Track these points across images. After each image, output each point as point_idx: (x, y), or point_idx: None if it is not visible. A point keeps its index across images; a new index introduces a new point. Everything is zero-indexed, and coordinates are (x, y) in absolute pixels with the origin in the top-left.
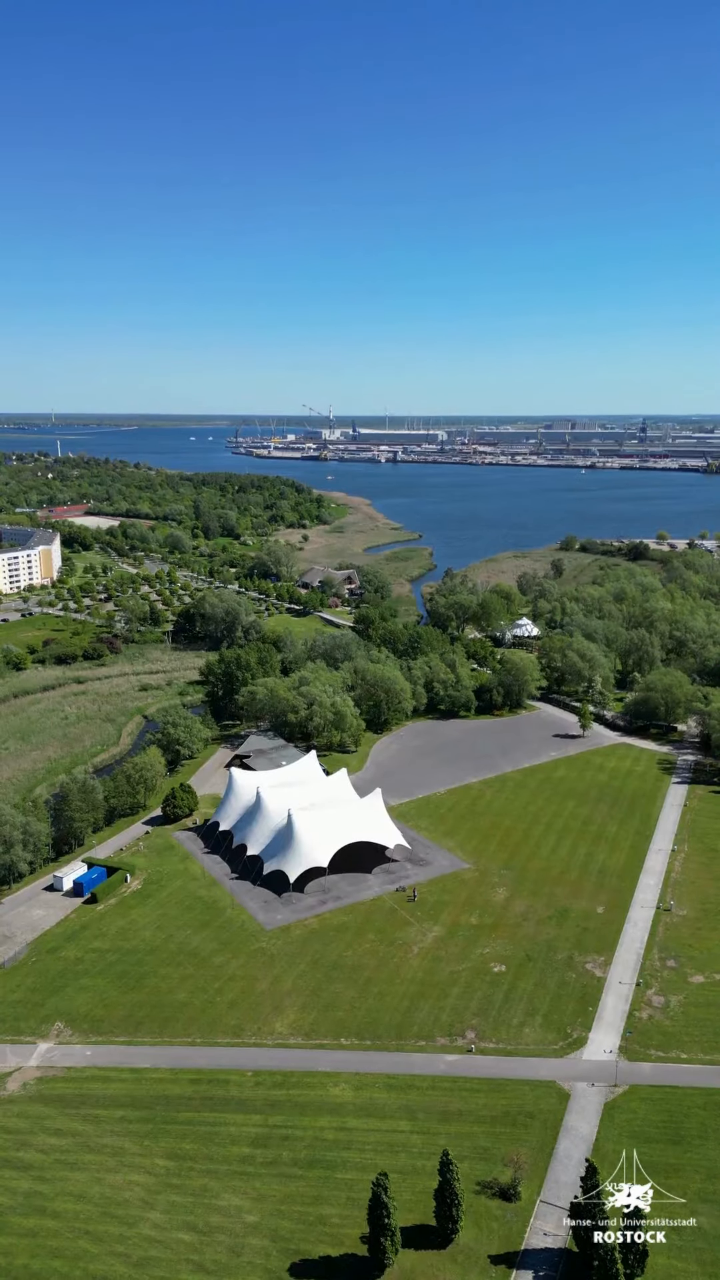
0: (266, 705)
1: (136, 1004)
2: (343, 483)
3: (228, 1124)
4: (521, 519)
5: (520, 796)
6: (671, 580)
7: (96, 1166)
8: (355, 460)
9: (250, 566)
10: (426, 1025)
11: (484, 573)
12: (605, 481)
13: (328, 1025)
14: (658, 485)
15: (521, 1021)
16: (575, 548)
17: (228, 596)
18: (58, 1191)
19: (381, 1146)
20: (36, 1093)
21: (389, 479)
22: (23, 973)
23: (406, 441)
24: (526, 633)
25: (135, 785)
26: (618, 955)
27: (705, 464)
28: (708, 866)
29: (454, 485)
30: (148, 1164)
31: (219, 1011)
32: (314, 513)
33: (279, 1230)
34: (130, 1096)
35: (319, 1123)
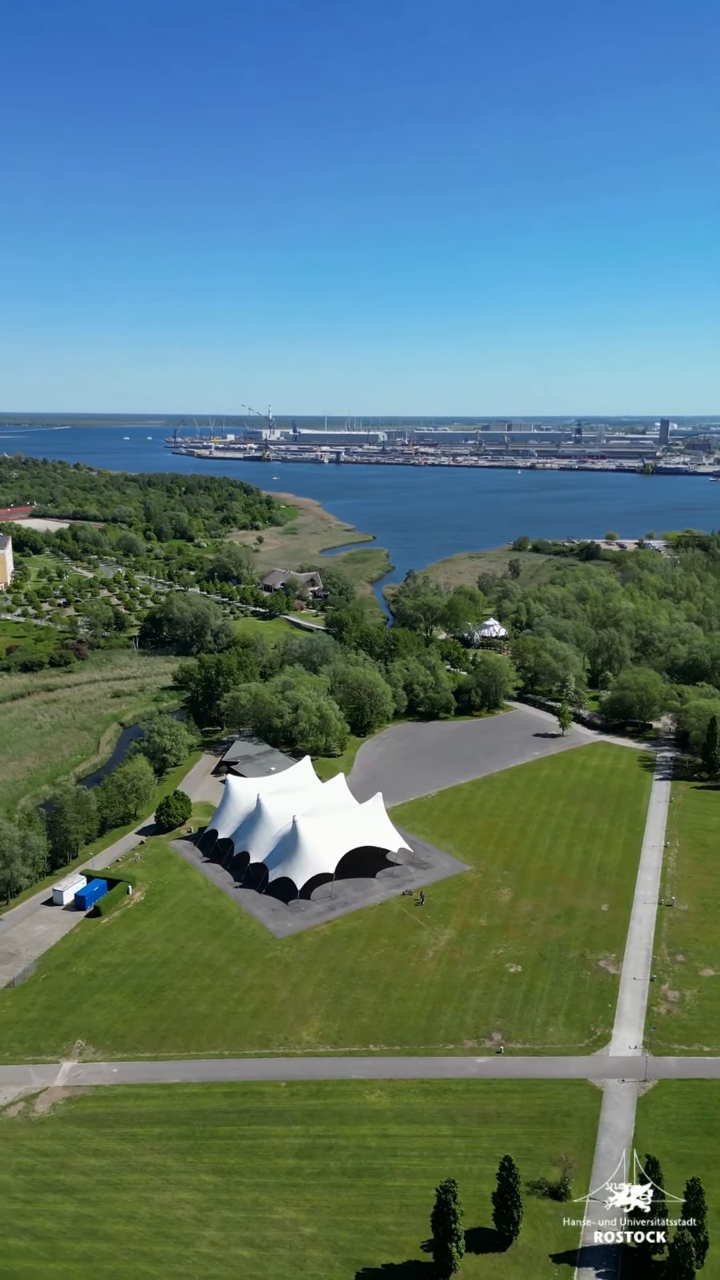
0: (250, 710)
1: (157, 1018)
2: (288, 483)
3: (269, 1136)
4: (468, 520)
5: (510, 797)
6: (629, 580)
7: (142, 1186)
8: (298, 461)
9: (210, 569)
10: (452, 1028)
11: (442, 574)
12: (546, 482)
13: (354, 1032)
14: (596, 486)
15: (545, 1021)
16: (528, 548)
17: (196, 600)
18: (106, 1213)
19: (426, 1152)
20: (68, 1113)
21: (334, 480)
22: (35, 990)
23: (347, 442)
24: (494, 633)
25: (127, 795)
26: (628, 951)
27: (641, 465)
28: (701, 861)
29: (399, 486)
30: (194, 1181)
31: (242, 1022)
32: (266, 514)
33: (338, 1241)
34: (165, 1113)
35: (361, 1131)
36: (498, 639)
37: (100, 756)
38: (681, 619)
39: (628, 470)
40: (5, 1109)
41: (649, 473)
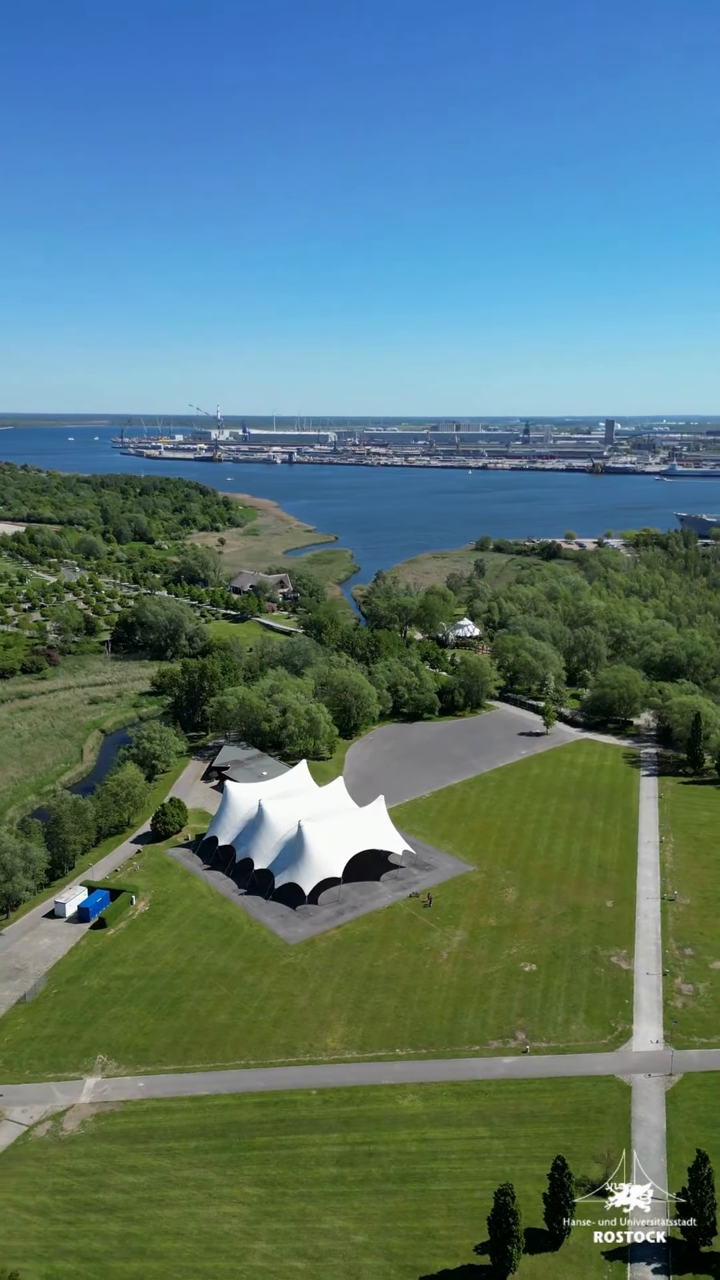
0: (237, 715)
1: (178, 1030)
2: (243, 484)
3: (307, 1145)
4: (426, 520)
5: (503, 796)
6: (594, 579)
7: (185, 1201)
8: (250, 461)
9: (176, 571)
10: (476, 1029)
11: (409, 574)
12: (498, 482)
13: (379, 1037)
14: (547, 486)
15: (565, 1019)
16: (490, 548)
17: (169, 604)
18: (152, 1231)
19: (467, 1154)
20: (98, 1130)
21: (287, 480)
22: (48, 1006)
23: (297, 442)
24: (468, 633)
25: (122, 803)
26: (638, 947)
27: (590, 465)
28: (697, 856)
29: (353, 486)
30: (238, 1194)
31: (265, 1031)
32: (225, 516)
33: (390, 1248)
34: (198, 1126)
35: (398, 1136)
36: (472, 638)
37: (85, 765)
38: (651, 616)
39: (577, 470)
40: (33, 1129)
41: (598, 472)
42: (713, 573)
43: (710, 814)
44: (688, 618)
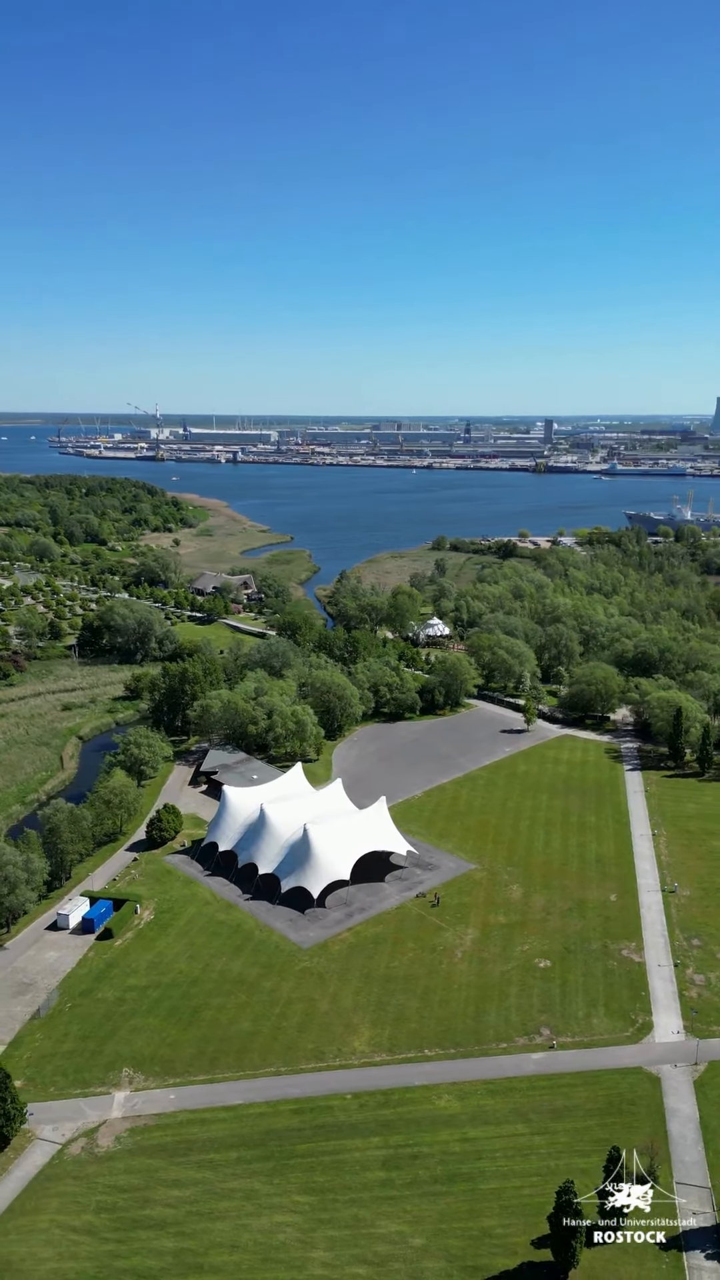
0: (221, 718)
1: (202, 1039)
2: (189, 484)
3: (350, 1150)
4: (377, 520)
5: (494, 793)
6: (554, 576)
7: (235, 1213)
8: (194, 460)
9: (136, 573)
10: (501, 1027)
11: (369, 574)
12: (444, 481)
13: (405, 1038)
14: (493, 485)
15: (586, 1013)
16: (447, 547)
17: (137, 606)
18: (206, 1245)
19: (510, 1152)
20: (135, 1144)
21: (234, 480)
22: (64, 1020)
23: (240, 442)
24: (438, 632)
25: (115, 810)
26: (646, 939)
27: (533, 464)
28: (690, 848)
29: (300, 486)
30: (287, 1202)
31: (291, 1037)
32: (176, 516)
33: (449, 1250)
34: (237, 1136)
35: (440, 1137)
36: (443, 638)
37: (67, 773)
38: (616, 614)
39: (520, 469)
40: (67, 1147)
41: (541, 471)
42: (667, 569)
43: (697, 806)
44: (652, 614)
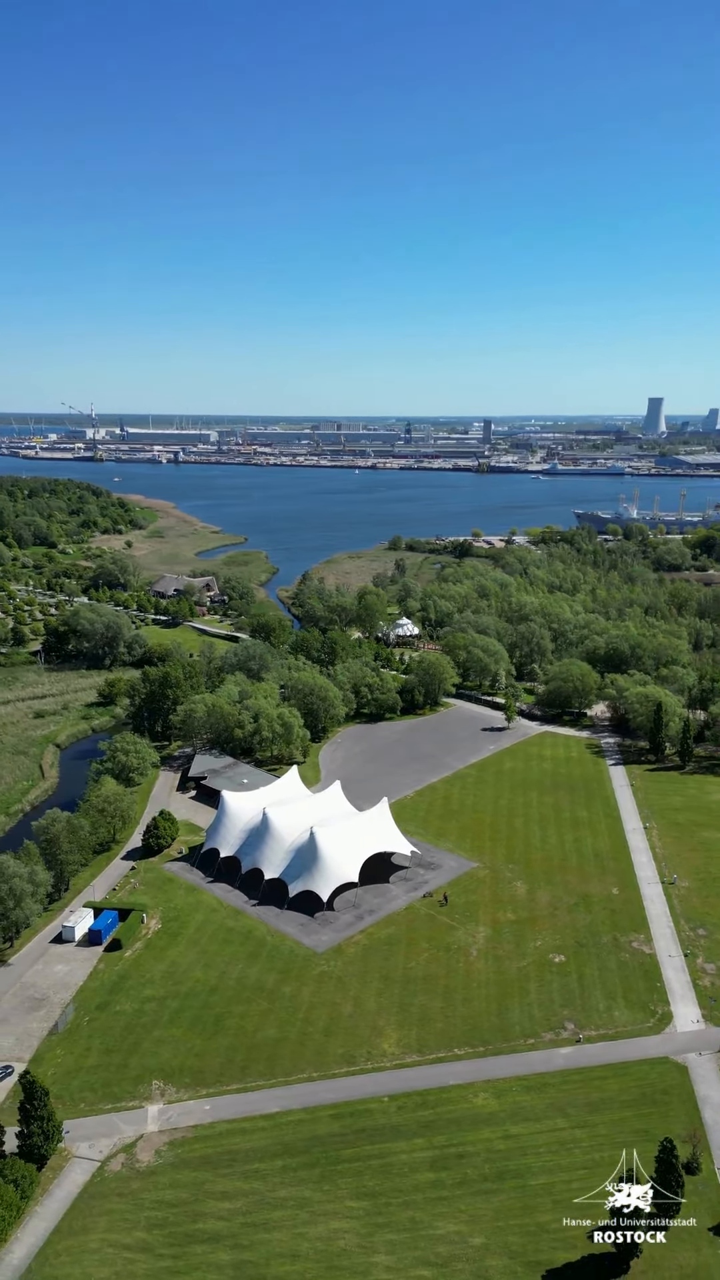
0: (206, 723)
1: (229, 1048)
2: (131, 484)
3: (395, 1153)
4: (326, 520)
5: (485, 791)
6: (514, 575)
7: (290, 1222)
8: (134, 461)
9: (93, 576)
10: (525, 1023)
11: (329, 574)
12: (389, 482)
13: (433, 1038)
14: (436, 485)
15: (607, 1006)
16: (403, 547)
17: (104, 610)
18: (266, 1256)
19: (554, 1146)
20: (176, 1158)
21: (176, 480)
22: (84, 1035)
23: (179, 441)
24: (408, 632)
25: (110, 819)
26: (653, 931)
27: (476, 464)
28: (681, 840)
29: (246, 486)
30: (341, 1208)
31: (319, 1042)
32: (126, 518)
33: (510, 1246)
34: (279, 1144)
35: (483, 1135)
36: (412, 637)
37: (49, 782)
38: (582, 611)
39: (463, 469)
40: (106, 1163)
41: (484, 471)
42: (622, 567)
43: (682, 799)
44: (616, 611)
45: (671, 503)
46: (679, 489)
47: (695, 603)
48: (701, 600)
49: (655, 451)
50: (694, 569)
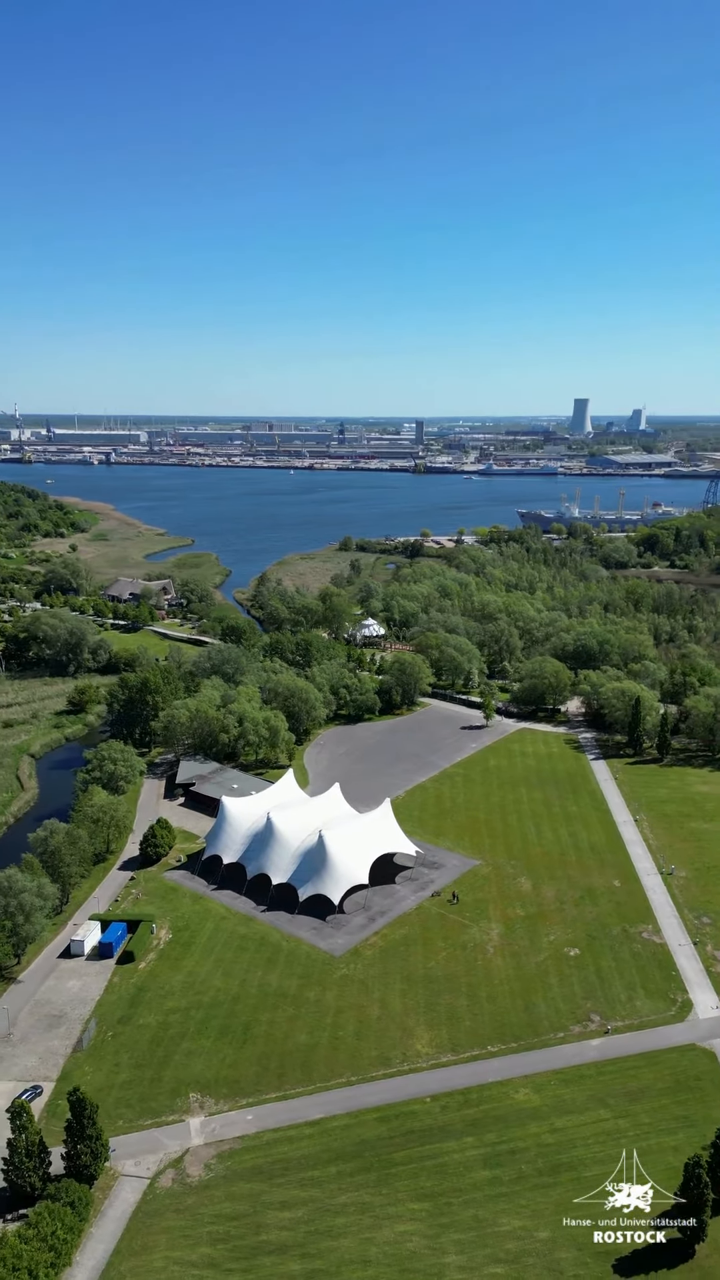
0: (188, 728)
1: (262, 1056)
2: (65, 486)
3: (447, 1153)
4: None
5: (474, 789)
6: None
7: (355, 1228)
8: (64, 462)
9: (44, 581)
10: (552, 1017)
11: (285, 576)
12: (327, 482)
13: (465, 1037)
14: (373, 486)
15: (628, 996)
16: (354, 548)
17: (67, 616)
18: (336, 1264)
19: (601, 1137)
20: (227, 1171)
21: (110, 481)
22: (111, 1050)
23: (108, 442)
24: (373, 632)
25: (106, 829)
26: (660, 921)
27: (413, 465)
28: (672, 831)
29: (184, 488)
30: (404, 1211)
31: (352, 1046)
32: (66, 520)
33: (576, 1238)
34: (330, 1151)
35: (530, 1130)
36: (378, 638)
37: (29, 793)
38: (544, 609)
39: (400, 470)
40: (156, 1179)
41: (421, 472)
42: (572, 565)
43: (666, 791)
44: (578, 609)
45: (610, 502)
46: (611, 488)
47: (650, 599)
48: (656, 596)
49: (585, 451)
50: (639, 566)
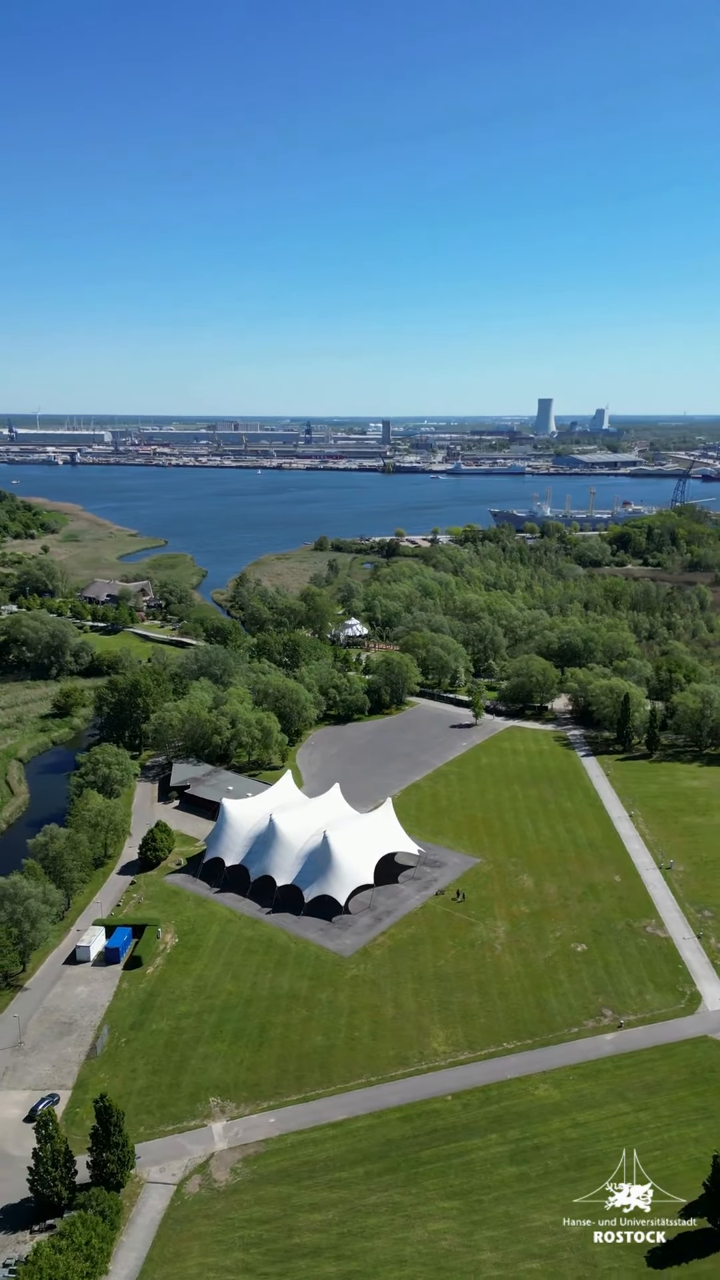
0: (181, 730)
1: (279, 1059)
2: (30, 487)
3: (473, 1150)
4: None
5: (469, 787)
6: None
7: (388, 1228)
8: (27, 462)
9: (18, 582)
10: (565, 1013)
11: (261, 575)
12: (296, 482)
13: (480, 1035)
14: (343, 485)
15: (638, 990)
16: (329, 547)
17: (48, 619)
18: (373, 1264)
19: (624, 1130)
20: (254, 1174)
21: (76, 482)
22: (125, 1056)
23: (71, 442)
24: (356, 632)
25: (104, 833)
26: (662, 915)
27: (381, 465)
28: (665, 826)
29: (150, 488)
30: (435, 1209)
31: (368, 1046)
32: (36, 521)
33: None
34: (355, 1151)
35: (553, 1125)
36: (361, 638)
37: (20, 798)
38: (526, 608)
39: (368, 469)
40: (182, 1185)
41: (390, 471)
42: (548, 563)
43: (658, 786)
44: (558, 607)
45: (580, 501)
46: (578, 487)
47: (629, 596)
48: (634, 594)
49: (551, 451)
50: (613, 564)
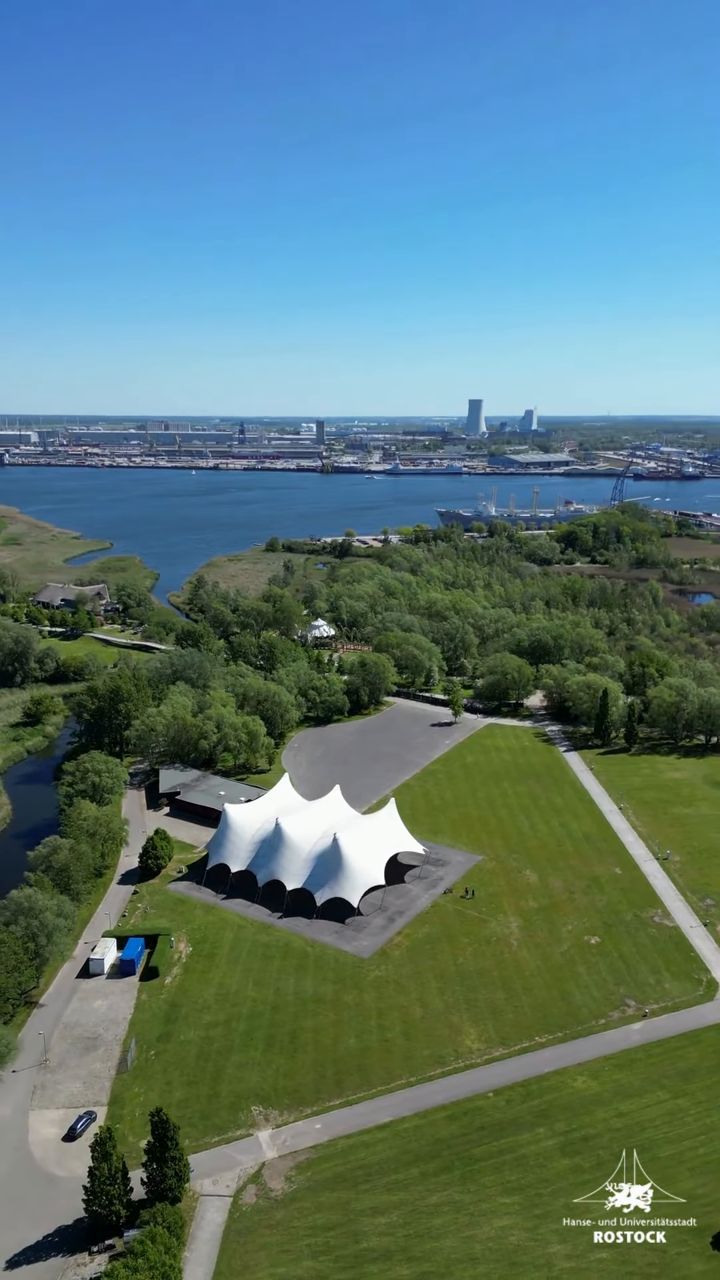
0: (165, 735)
1: (316, 1063)
2: None
3: (523, 1145)
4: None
5: (458, 786)
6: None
7: (454, 1227)
8: None
9: None
10: (590, 1005)
11: (215, 577)
12: (235, 483)
13: (511, 1030)
14: (281, 486)
15: (656, 980)
16: (280, 548)
17: (10, 625)
18: (445, 1265)
19: (667, 1117)
20: (310, 1181)
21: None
22: (158, 1069)
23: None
24: (323, 633)
25: (103, 842)
26: (667, 905)
27: (320, 465)
28: (657, 817)
29: (85, 489)
30: (497, 1206)
31: (402, 1047)
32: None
33: (675, 1216)
34: (407, 1152)
35: (598, 1116)
36: (328, 639)
37: (2, 810)
38: (490, 606)
39: (306, 470)
40: (239, 1197)
41: (329, 471)
42: (502, 562)
43: (641, 779)
44: (521, 605)
45: (523, 500)
46: (515, 487)
47: (586, 594)
48: (591, 591)
49: (484, 451)
50: (563, 562)
